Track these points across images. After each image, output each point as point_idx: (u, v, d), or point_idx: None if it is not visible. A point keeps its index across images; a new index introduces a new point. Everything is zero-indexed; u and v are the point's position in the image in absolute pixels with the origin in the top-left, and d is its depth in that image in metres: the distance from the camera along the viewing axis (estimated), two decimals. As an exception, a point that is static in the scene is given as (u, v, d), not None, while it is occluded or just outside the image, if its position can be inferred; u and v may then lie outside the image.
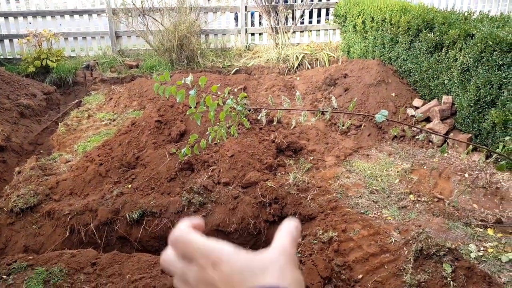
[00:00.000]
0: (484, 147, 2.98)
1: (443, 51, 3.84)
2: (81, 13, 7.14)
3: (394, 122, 3.44)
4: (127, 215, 3.29)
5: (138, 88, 5.63)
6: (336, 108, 2.20)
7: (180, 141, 4.01)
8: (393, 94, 4.17)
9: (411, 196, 3.11)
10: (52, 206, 3.40)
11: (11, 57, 7.14)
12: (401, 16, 4.51)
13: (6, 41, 7.13)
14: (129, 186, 3.59)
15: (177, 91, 1.67)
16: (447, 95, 3.80)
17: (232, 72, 6.48)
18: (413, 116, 3.96)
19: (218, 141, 2.09)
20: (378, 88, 4.22)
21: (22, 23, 7.28)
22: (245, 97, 5.34)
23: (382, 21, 4.94)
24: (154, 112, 4.16)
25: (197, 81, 1.71)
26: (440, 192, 3.10)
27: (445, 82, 3.83)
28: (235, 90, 5.52)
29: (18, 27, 7.16)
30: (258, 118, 2.06)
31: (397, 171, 3.42)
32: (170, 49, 6.41)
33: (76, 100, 5.91)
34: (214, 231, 3.25)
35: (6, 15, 7.06)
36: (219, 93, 1.78)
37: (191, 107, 1.92)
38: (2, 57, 7.09)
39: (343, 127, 2.59)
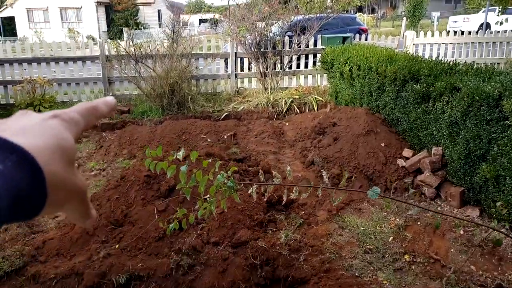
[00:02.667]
0: (484, 225, 2.84)
1: (430, 102, 3.78)
2: (75, 59, 7.09)
3: (386, 197, 3.31)
4: (113, 280, 3.05)
5: (129, 135, 5.47)
6: (328, 184, 2.08)
7: (169, 196, 3.81)
8: (383, 144, 4.07)
9: (406, 256, 2.93)
10: (38, 268, 3.16)
11: (4, 102, 7.01)
12: (387, 66, 4.49)
13: (0, 87, 7.02)
14: (117, 246, 3.36)
15: (168, 166, 1.56)
16: (437, 146, 3.71)
17: (222, 117, 6.39)
18: (403, 167, 3.84)
19: (206, 217, 1.93)
20: (367, 138, 4.12)
21: (16, 69, 7.20)
22: (235, 144, 5.22)
23: (368, 69, 4.93)
24: (143, 165, 3.98)
25: (188, 155, 1.59)
26: (436, 251, 2.93)
27: (434, 133, 3.75)
28: (225, 137, 5.40)
29: (13, 73, 7.07)
30: (249, 192, 1.92)
31: (391, 228, 3.25)
32: (162, 95, 6.34)
33: (67, 147, 5.72)
34: (204, 295, 3.01)
35: (2, 62, 6.98)
36: (210, 161, 1.64)
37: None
38: (-5, 103, 6.94)
39: (335, 203, 2.45)
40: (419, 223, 3.28)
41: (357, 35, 8.34)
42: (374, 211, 3.49)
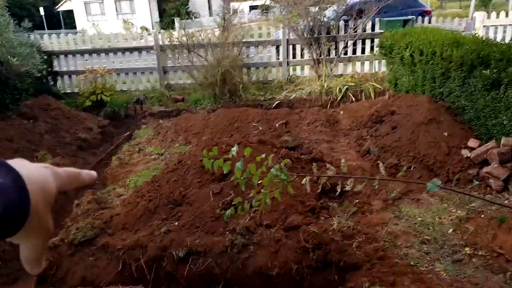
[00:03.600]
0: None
1: (501, 89, 3.66)
2: (131, 50, 7.64)
3: (448, 189, 3.30)
4: (174, 253, 3.38)
5: (184, 123, 5.86)
6: (384, 175, 2.16)
7: (224, 180, 4.08)
8: (446, 134, 4.01)
9: (466, 248, 2.93)
10: (107, 240, 3.58)
11: (70, 91, 7.75)
12: (453, 51, 4.38)
13: (66, 77, 7.77)
14: (176, 223, 3.70)
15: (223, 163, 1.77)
16: (507, 136, 3.59)
17: (273, 105, 6.56)
18: (468, 157, 3.77)
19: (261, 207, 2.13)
20: (429, 127, 4.08)
21: (79, 60, 7.92)
22: (287, 132, 5.38)
23: (432, 54, 4.82)
24: (199, 151, 4.30)
25: (242, 153, 1.79)
26: (500, 245, 2.89)
27: (505, 123, 3.63)
28: (276, 125, 5.58)
29: (76, 64, 7.79)
30: (302, 183, 2.08)
31: (451, 219, 3.24)
32: (213, 84, 6.65)
33: (128, 133, 6.26)
34: (257, 273, 3.24)
35: (66, 53, 7.72)
36: (263, 156, 1.82)
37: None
38: (62, 91, 7.71)
39: (391, 196, 2.51)
40: (482, 216, 3.23)
41: (420, 18, 8.05)
42: (433, 202, 3.49)
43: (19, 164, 0.45)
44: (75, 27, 27.03)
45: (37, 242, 0.47)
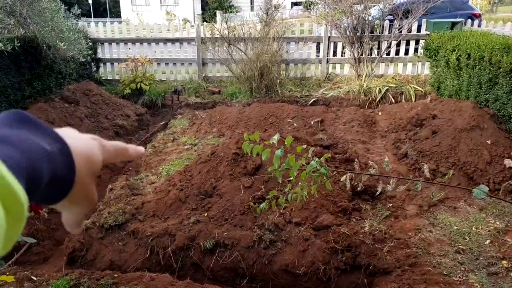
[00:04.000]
0: None
1: (553, 98, 3.47)
2: (173, 41, 7.84)
3: (493, 197, 3.18)
4: (201, 244, 3.46)
5: (219, 115, 5.96)
6: (429, 179, 2.12)
7: (255, 175, 4.14)
8: (489, 142, 3.85)
9: (504, 262, 2.82)
10: (137, 226, 3.71)
11: (111, 78, 8.07)
12: (503, 56, 4.19)
13: (108, 64, 8.09)
14: (205, 214, 3.79)
15: (263, 150, 1.79)
16: (556, 148, 3.41)
17: (309, 103, 6.54)
18: (510, 168, 3.62)
19: (299, 201, 2.12)
20: (471, 134, 3.94)
21: (122, 48, 8.22)
22: (322, 130, 5.35)
23: (480, 59, 4.63)
24: (233, 144, 4.37)
25: (282, 141, 1.80)
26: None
27: (554, 134, 3.45)
28: (312, 122, 5.56)
29: (119, 52, 8.09)
30: (342, 180, 2.08)
31: (489, 230, 3.13)
32: (251, 78, 6.71)
33: (163, 122, 6.45)
34: (283, 271, 3.26)
35: (110, 41, 8.03)
36: (304, 146, 1.84)
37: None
38: (103, 78, 8.04)
39: (434, 199, 2.44)
40: (524, 230, 3.10)
41: (469, 21, 7.73)
42: (471, 211, 3.38)
43: (68, 134, 0.45)
44: (120, 16, 28.00)
45: (79, 211, 0.48)
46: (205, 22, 8.36)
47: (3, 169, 0.34)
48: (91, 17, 26.40)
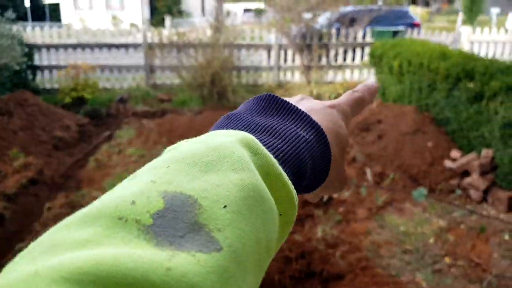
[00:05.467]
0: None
1: (483, 102, 3.79)
2: (118, 46, 7.61)
3: (431, 199, 3.40)
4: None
5: (168, 124, 5.86)
6: (371, 182, 2.22)
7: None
8: (430, 144, 4.12)
9: (446, 258, 3.02)
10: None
11: (49, 87, 7.66)
12: (439, 63, 4.52)
13: (46, 71, 7.68)
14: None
15: None
16: (487, 148, 3.72)
17: (262, 110, 6.62)
18: (450, 168, 3.89)
19: None
20: (414, 137, 4.19)
21: (62, 54, 7.85)
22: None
23: (419, 65, 4.96)
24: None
25: None
26: (478, 255, 2.99)
27: (485, 135, 3.77)
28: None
29: (58, 59, 7.71)
30: None
31: (432, 229, 3.33)
32: (202, 85, 6.68)
33: (108, 133, 6.21)
34: (237, 281, 3.26)
35: (48, 47, 7.63)
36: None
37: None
38: (41, 86, 7.61)
39: (379, 203, 2.58)
40: (462, 226, 3.34)
41: (409, 30, 8.27)
42: (416, 212, 3.59)
43: (308, 108, 0.40)
44: (60, 21, 26.73)
45: (327, 193, 0.43)
46: (152, 27, 8.21)
47: (276, 164, 0.30)
48: (28, 21, 24.93)
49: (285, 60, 7.59)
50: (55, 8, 29.38)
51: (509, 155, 3.42)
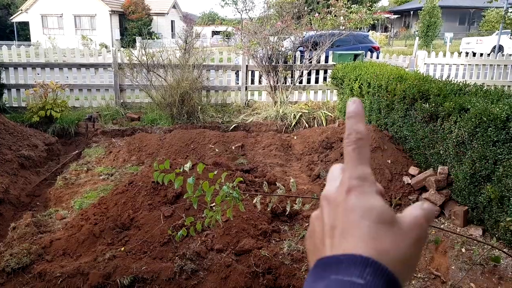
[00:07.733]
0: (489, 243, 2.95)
1: (438, 122, 3.92)
2: (88, 66, 7.39)
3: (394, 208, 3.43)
4: (118, 281, 3.19)
5: (138, 142, 5.68)
6: None
7: (176, 203, 3.97)
8: (389, 161, 4.20)
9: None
10: (44, 266, 3.30)
11: (17, 105, 7.29)
12: (397, 84, 4.66)
13: (13, 90, 7.32)
14: (122, 248, 3.51)
15: (175, 178, 1.70)
16: (443, 165, 3.83)
17: (231, 128, 6.58)
18: (409, 184, 3.96)
19: (212, 225, 2.07)
20: (374, 155, 4.26)
21: (30, 73, 7.52)
22: (242, 155, 5.39)
23: (378, 87, 5.10)
24: (152, 172, 4.16)
25: (195, 168, 1.73)
26: (437, 268, 3.03)
27: (441, 152, 3.88)
28: (233, 147, 5.58)
29: (26, 77, 7.38)
30: (254, 202, 2.06)
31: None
32: (172, 104, 6.57)
33: (76, 151, 5.94)
34: (205, 300, 3.13)
35: (16, 66, 7.30)
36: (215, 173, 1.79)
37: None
38: (8, 105, 7.23)
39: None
40: (422, 240, 3.38)
41: (369, 53, 8.56)
42: (378, 226, 3.61)
43: (348, 231, 0.36)
44: (29, 40, 25.82)
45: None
46: (122, 48, 8.05)
47: None
48: (-5, 40, 23.93)
49: (252, 81, 7.63)
50: (23, 27, 28.41)
51: (463, 172, 3.52)
